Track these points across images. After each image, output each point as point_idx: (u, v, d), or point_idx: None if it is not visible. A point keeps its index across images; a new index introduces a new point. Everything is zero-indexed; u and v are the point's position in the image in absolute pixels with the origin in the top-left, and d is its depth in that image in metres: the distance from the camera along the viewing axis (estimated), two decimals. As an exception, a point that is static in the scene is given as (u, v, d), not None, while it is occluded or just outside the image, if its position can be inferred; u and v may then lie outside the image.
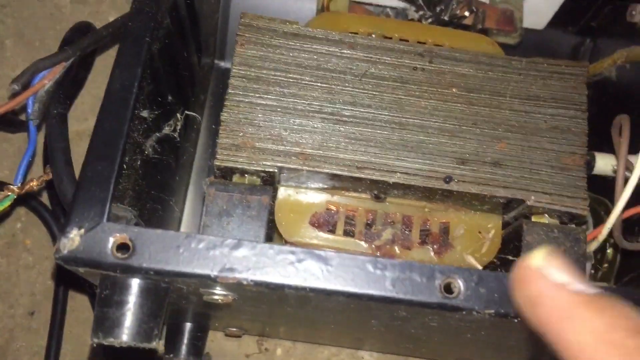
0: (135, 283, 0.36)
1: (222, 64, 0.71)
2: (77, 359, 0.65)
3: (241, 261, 0.35)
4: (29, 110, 0.44)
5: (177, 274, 0.34)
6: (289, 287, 0.35)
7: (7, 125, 0.62)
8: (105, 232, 0.34)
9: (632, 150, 0.49)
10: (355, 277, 0.35)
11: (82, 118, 0.71)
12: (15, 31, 0.72)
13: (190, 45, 0.57)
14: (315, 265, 0.35)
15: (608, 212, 0.58)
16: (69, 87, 0.47)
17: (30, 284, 0.67)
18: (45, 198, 0.67)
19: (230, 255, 0.35)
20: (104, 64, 0.70)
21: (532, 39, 0.64)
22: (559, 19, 0.65)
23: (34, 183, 0.44)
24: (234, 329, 0.61)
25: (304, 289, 0.35)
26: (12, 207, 0.44)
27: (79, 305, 0.66)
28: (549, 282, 0.26)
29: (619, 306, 0.26)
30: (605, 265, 0.56)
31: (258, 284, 0.34)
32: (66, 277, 0.65)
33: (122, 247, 0.34)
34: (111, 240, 0.34)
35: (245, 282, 0.34)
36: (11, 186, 0.43)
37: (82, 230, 0.34)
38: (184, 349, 0.59)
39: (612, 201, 0.57)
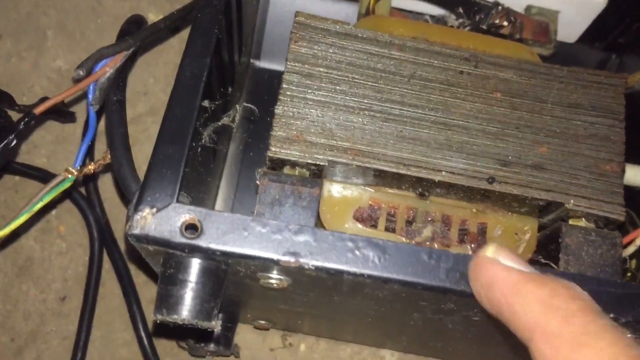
0: (197, 263, 0.37)
1: (257, 63, 0.73)
2: (106, 345, 0.66)
3: (303, 246, 0.36)
4: (90, 96, 0.46)
5: (242, 256, 0.36)
6: (348, 272, 0.36)
7: (57, 115, 0.64)
8: (175, 212, 0.36)
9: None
10: (411, 266, 0.36)
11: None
12: (57, 22, 0.74)
13: (235, 43, 0.59)
14: (374, 252, 0.36)
15: (633, 223, 0.60)
16: (126, 75, 0.48)
17: (62, 269, 0.68)
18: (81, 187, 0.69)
19: (293, 240, 0.36)
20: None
21: (562, 51, 0.66)
22: (588, 34, 0.67)
23: (92, 166, 0.45)
24: (263, 322, 0.62)
25: (362, 275, 0.36)
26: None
27: (109, 293, 0.68)
28: (500, 265, 0.32)
29: (559, 279, 0.31)
30: (629, 274, 0.58)
31: (319, 268, 0.36)
32: (98, 266, 0.67)
33: (190, 227, 0.36)
34: (181, 220, 0.36)
35: (306, 267, 0.36)
36: (70, 168, 0.44)
37: (154, 210, 0.36)
38: (214, 338, 0.61)
39: (638, 212, 0.59)
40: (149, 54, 0.74)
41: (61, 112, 0.62)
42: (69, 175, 0.44)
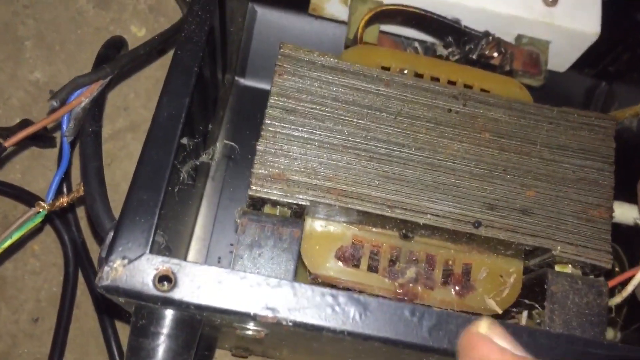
0: (171, 314, 0.36)
1: (242, 80, 0.71)
2: (79, 368, 0.65)
3: (282, 301, 0.35)
4: (64, 127, 0.44)
5: (217, 310, 0.35)
6: (327, 329, 0.35)
7: (38, 141, 0.62)
8: (148, 263, 0.34)
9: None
10: (393, 324, 0.35)
11: (98, 125, 0.71)
12: (35, 33, 0.72)
13: (219, 64, 0.57)
14: (355, 309, 0.35)
15: (618, 258, 0.60)
16: (103, 105, 0.47)
17: (35, 290, 0.66)
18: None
19: (271, 295, 0.35)
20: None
21: (551, 79, 0.65)
22: (578, 62, 0.66)
23: (65, 199, 0.44)
24: (241, 350, 0.61)
25: (342, 332, 0.35)
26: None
27: (83, 315, 0.66)
28: (495, 346, 0.30)
29: None
30: (619, 324, 0.57)
31: (297, 324, 0.35)
32: (72, 287, 0.65)
33: (164, 279, 0.35)
34: (154, 272, 0.34)
35: (284, 323, 0.35)
36: (42, 203, 0.42)
37: (126, 261, 0.34)
38: (190, 367, 0.59)
39: (624, 248, 0.59)
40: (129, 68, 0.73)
41: (40, 137, 0.60)
42: (40, 210, 0.43)
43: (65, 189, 0.58)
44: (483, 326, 0.31)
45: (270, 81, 0.47)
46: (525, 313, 0.50)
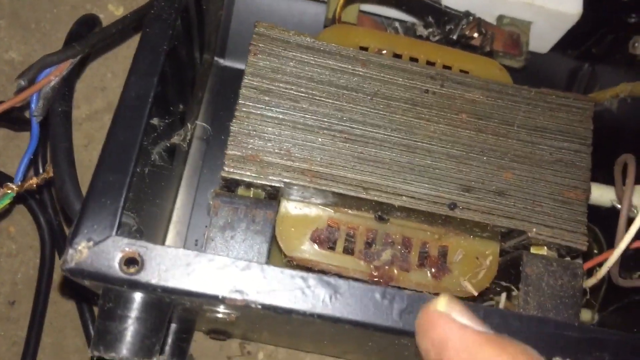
0: (139, 297, 0.35)
1: (222, 61, 0.70)
2: (56, 352, 0.64)
3: (250, 284, 0.34)
4: (33, 107, 0.43)
5: (184, 293, 0.34)
6: (297, 312, 0.34)
7: (12, 123, 0.61)
8: (114, 245, 0.34)
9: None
10: (364, 307, 0.35)
11: (75, 106, 0.70)
12: (10, 11, 0.70)
13: (195, 44, 0.56)
14: (324, 292, 0.35)
15: (597, 240, 0.59)
16: (73, 84, 0.46)
17: (12, 272, 0.65)
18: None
19: (239, 277, 0.34)
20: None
21: (533, 61, 0.64)
22: (561, 44, 0.66)
23: (34, 181, 0.43)
24: (219, 334, 0.61)
25: (311, 315, 0.35)
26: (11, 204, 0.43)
27: (60, 298, 0.65)
28: (455, 323, 0.29)
29: (518, 343, 0.28)
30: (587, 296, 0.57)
31: (266, 307, 0.34)
32: (49, 269, 0.64)
33: (130, 261, 0.34)
34: (120, 254, 0.34)
35: (253, 305, 0.34)
36: (10, 184, 0.42)
37: (91, 243, 0.34)
38: (167, 350, 0.59)
39: (602, 230, 0.59)
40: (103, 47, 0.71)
41: (14, 119, 0.59)
42: (9, 192, 0.42)
43: (40, 168, 0.57)
44: (441, 303, 0.30)
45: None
46: (503, 295, 0.50)
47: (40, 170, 0.52)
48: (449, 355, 0.28)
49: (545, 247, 0.45)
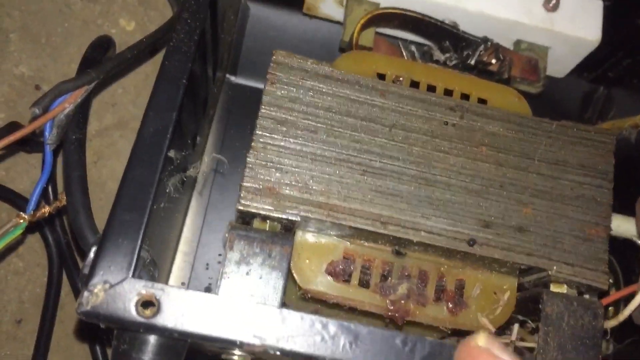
0: (154, 340, 0.34)
1: (233, 78, 0.69)
2: (62, 371, 0.64)
3: (269, 329, 0.33)
4: (47, 134, 0.42)
5: (202, 337, 0.33)
6: (317, 358, 0.34)
7: (25, 145, 0.60)
8: (130, 288, 0.33)
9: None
10: (384, 354, 0.34)
11: (85, 122, 0.69)
12: (21, 25, 0.69)
13: (209, 63, 0.55)
14: (345, 337, 0.34)
15: (613, 271, 0.59)
16: (87, 111, 0.45)
17: (19, 290, 0.65)
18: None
19: (258, 322, 0.33)
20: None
21: (549, 84, 0.64)
22: (577, 68, 0.65)
23: (46, 210, 0.42)
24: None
25: (331, 361, 0.34)
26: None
27: (67, 317, 0.65)
28: (496, 358, 0.29)
29: None
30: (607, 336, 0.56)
31: (285, 353, 0.33)
32: (57, 288, 0.64)
33: (147, 304, 0.33)
34: (136, 297, 0.33)
35: (271, 352, 0.33)
36: (22, 214, 0.41)
37: (107, 285, 0.33)
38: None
39: (619, 261, 0.58)
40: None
41: (27, 142, 0.58)
42: (21, 221, 0.41)
43: (51, 193, 0.56)
44: (482, 339, 0.30)
45: (263, 81, 0.45)
46: (516, 326, 0.49)
47: (51, 197, 0.51)
48: None
49: (565, 285, 0.45)
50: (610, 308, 0.55)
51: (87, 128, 0.69)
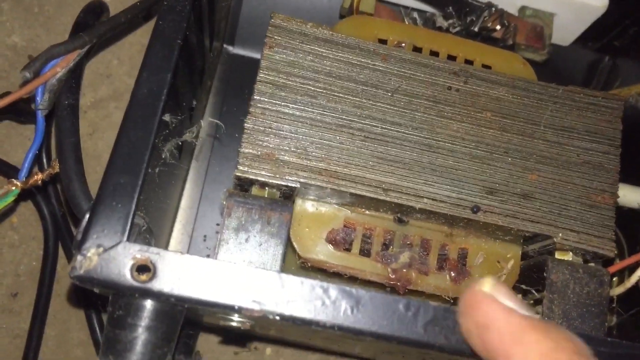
0: (150, 305, 0.33)
1: (231, 48, 0.68)
2: (60, 344, 0.63)
3: (268, 293, 0.33)
4: (38, 100, 0.41)
5: (198, 302, 0.32)
6: (317, 323, 0.33)
7: (17, 115, 0.58)
8: (125, 252, 0.32)
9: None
10: (387, 318, 0.33)
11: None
12: (13, -6, 0.68)
13: (205, 32, 0.54)
14: (346, 303, 0.33)
15: (618, 242, 0.58)
16: (80, 76, 0.44)
17: (14, 264, 0.64)
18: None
19: (257, 286, 0.33)
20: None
21: (553, 53, 0.62)
22: (583, 36, 0.63)
23: (39, 177, 0.41)
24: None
25: (332, 326, 0.33)
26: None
27: (64, 290, 0.64)
28: (500, 305, 0.28)
29: (563, 330, 0.28)
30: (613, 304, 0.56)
31: (284, 318, 0.33)
32: (53, 261, 0.63)
33: (142, 269, 0.32)
34: (131, 261, 0.32)
35: (270, 317, 0.32)
36: (15, 181, 0.40)
37: (101, 249, 0.32)
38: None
39: (623, 232, 0.57)
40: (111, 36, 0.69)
41: (19, 111, 0.57)
42: (13, 188, 0.40)
43: (44, 161, 0.55)
44: (487, 285, 0.29)
45: (260, 52, 0.44)
46: (519, 296, 0.48)
47: (45, 165, 0.50)
48: (492, 337, 0.28)
49: (571, 252, 0.44)
50: (614, 279, 0.54)
51: (82, 100, 0.68)
